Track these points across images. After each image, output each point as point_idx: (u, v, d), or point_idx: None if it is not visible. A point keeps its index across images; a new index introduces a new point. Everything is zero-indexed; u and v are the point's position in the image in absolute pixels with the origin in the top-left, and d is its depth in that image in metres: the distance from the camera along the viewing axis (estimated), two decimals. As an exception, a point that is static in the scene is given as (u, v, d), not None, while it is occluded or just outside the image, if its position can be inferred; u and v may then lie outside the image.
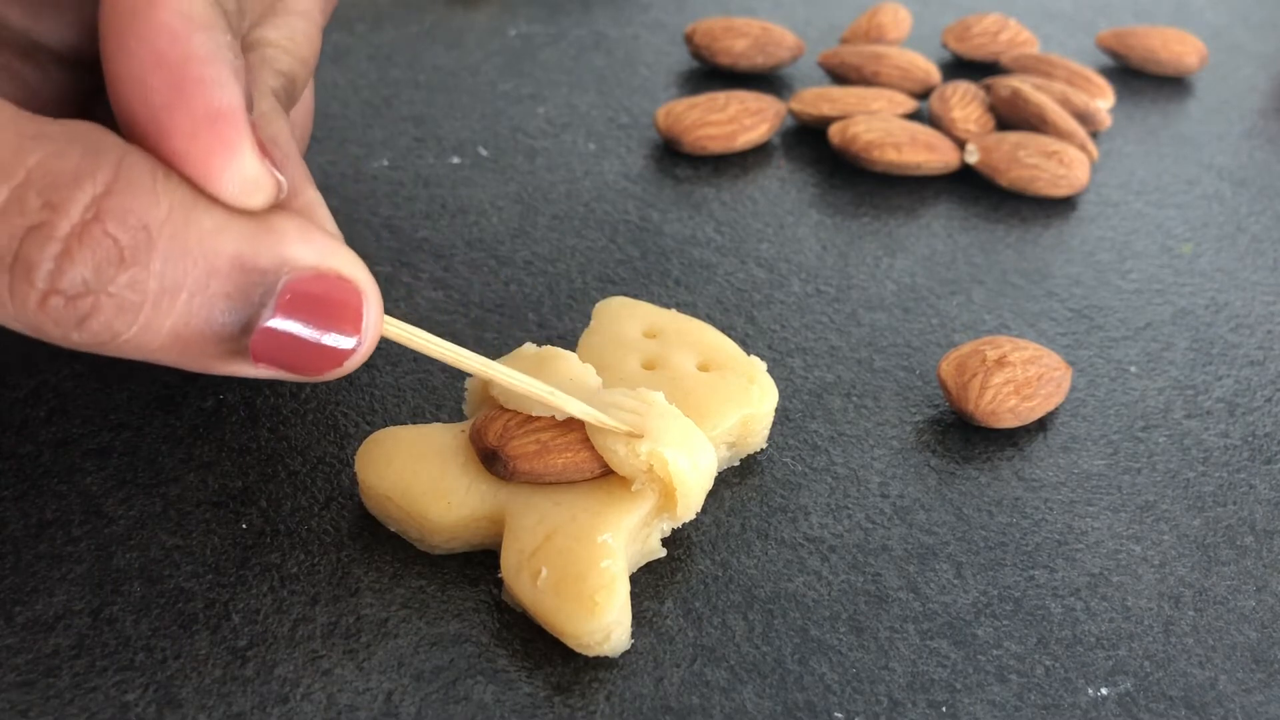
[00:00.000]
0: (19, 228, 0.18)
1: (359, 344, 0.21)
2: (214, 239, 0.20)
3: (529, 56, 0.43)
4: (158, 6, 0.19)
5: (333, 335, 0.21)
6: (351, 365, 0.21)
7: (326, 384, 0.29)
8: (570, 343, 0.30)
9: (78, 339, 0.19)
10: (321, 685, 0.22)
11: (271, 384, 0.29)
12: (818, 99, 0.40)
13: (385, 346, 0.30)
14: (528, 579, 0.23)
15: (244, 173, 0.20)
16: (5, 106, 0.19)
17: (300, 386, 0.29)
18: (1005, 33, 0.45)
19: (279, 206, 0.21)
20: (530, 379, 0.24)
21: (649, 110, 0.41)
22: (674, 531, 0.26)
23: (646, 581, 0.25)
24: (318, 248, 0.21)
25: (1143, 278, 0.35)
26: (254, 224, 0.20)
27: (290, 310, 0.20)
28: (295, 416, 0.28)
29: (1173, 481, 0.28)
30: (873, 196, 0.38)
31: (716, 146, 0.39)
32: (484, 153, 0.38)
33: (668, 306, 0.31)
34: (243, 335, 0.20)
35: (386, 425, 0.27)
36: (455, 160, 0.37)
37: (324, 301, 0.21)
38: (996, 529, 0.27)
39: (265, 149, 0.20)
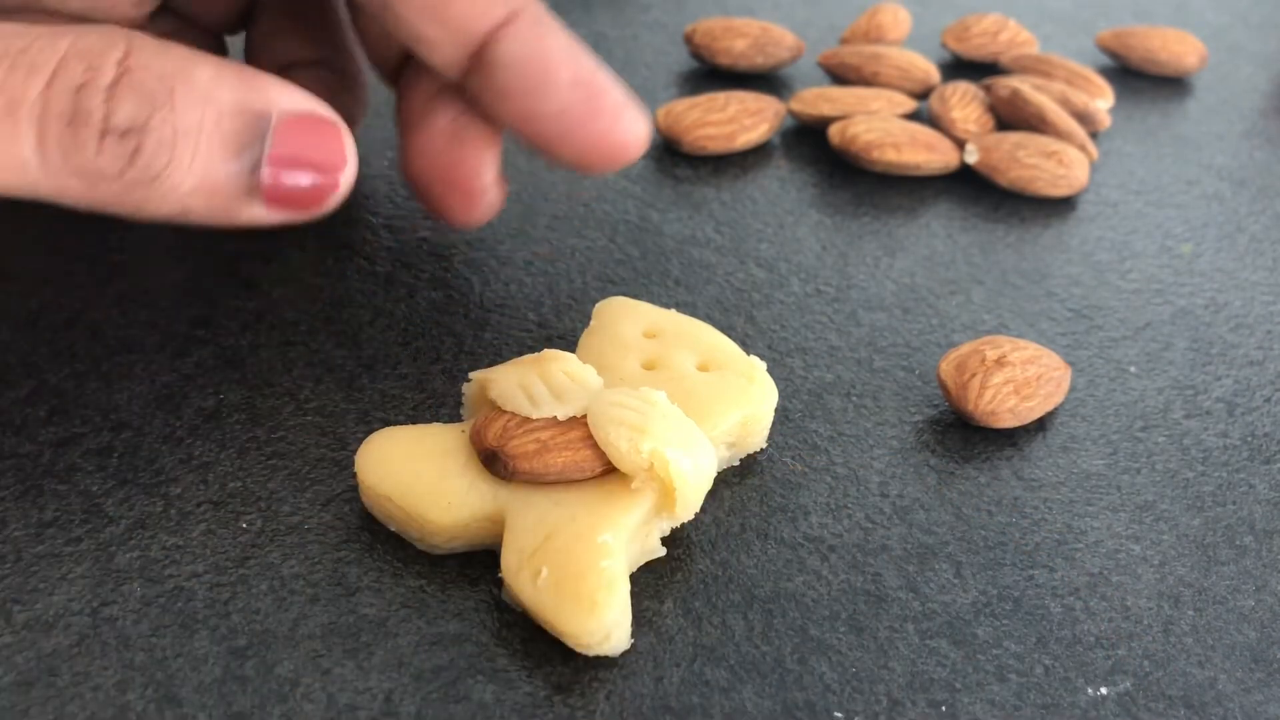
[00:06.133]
0: (70, 89, 0.23)
1: (347, 168, 0.26)
2: (215, 86, 0.24)
3: (529, 57, 0.43)
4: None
5: (325, 162, 0.25)
6: (341, 194, 0.26)
7: (325, 385, 0.29)
8: (570, 343, 0.30)
9: (131, 176, 0.24)
10: (321, 685, 0.22)
11: (271, 384, 0.29)
12: (817, 99, 0.40)
13: (385, 346, 0.30)
14: (528, 579, 0.23)
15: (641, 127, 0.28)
16: (16, 26, 0.23)
17: (299, 386, 0.29)
18: (1005, 33, 0.45)
19: (256, 69, 0.25)
20: None
21: (649, 110, 0.41)
22: (674, 531, 0.26)
23: (646, 581, 0.25)
24: (297, 95, 0.25)
25: (1142, 278, 0.35)
26: (242, 77, 0.25)
27: (286, 143, 0.25)
28: (295, 417, 0.28)
29: (1172, 481, 0.28)
30: (872, 196, 0.38)
31: (716, 146, 0.39)
32: (484, 153, 0.38)
33: (668, 306, 0.31)
34: (253, 173, 0.25)
35: (386, 426, 0.27)
36: (455, 160, 0.37)
37: (312, 134, 0.25)
38: (996, 529, 0.27)
39: None
